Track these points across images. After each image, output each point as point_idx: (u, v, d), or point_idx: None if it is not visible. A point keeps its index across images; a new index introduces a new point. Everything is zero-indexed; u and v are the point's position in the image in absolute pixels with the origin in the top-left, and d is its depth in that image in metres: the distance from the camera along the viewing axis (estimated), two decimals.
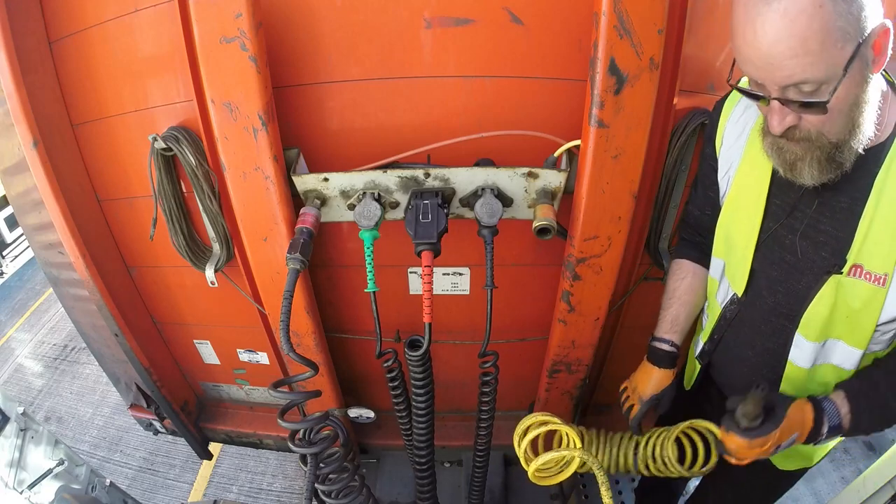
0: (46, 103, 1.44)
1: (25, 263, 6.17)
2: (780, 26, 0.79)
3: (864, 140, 0.88)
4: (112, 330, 1.75)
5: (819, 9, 0.77)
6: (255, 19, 1.15)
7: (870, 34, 0.80)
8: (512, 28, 1.27)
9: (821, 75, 0.82)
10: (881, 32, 0.81)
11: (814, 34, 0.78)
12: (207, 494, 3.53)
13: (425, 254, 1.28)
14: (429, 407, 1.59)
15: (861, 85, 0.85)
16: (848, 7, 0.77)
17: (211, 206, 1.46)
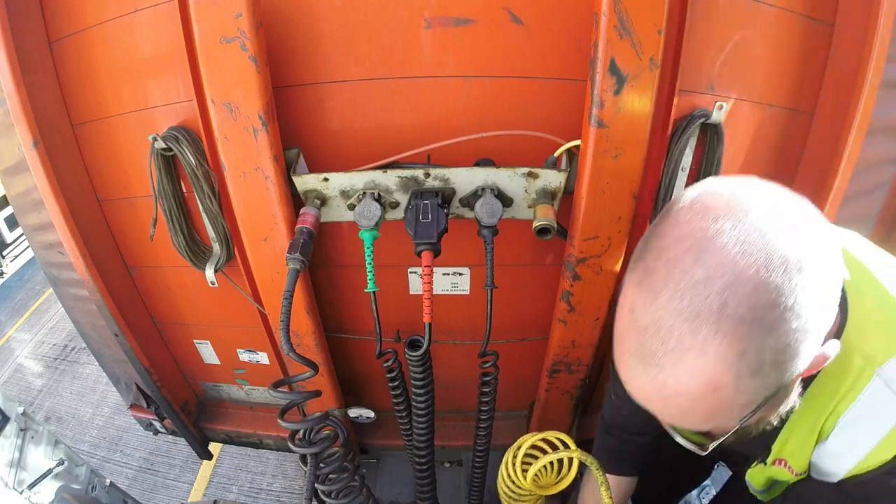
0: (46, 103, 1.44)
1: (25, 263, 6.17)
2: (656, 398, 0.64)
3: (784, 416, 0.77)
4: (112, 330, 1.74)
5: (709, 393, 0.59)
6: (255, 19, 1.15)
7: (793, 376, 0.63)
8: (512, 28, 1.27)
9: (720, 430, 0.72)
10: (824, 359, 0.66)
11: (704, 414, 0.62)
12: (207, 494, 3.53)
13: (425, 254, 1.28)
14: (429, 407, 1.59)
15: (775, 406, 0.72)
16: (763, 380, 0.59)
17: (211, 206, 1.46)
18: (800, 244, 0.58)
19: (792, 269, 0.56)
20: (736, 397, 0.59)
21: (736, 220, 0.58)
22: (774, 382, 0.60)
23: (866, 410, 0.72)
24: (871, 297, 0.74)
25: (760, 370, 0.57)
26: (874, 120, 1.37)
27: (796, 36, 1.36)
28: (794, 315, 0.56)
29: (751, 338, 0.56)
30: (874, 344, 0.73)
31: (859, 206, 1.61)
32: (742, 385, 0.58)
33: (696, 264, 0.57)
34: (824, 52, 1.40)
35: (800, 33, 1.36)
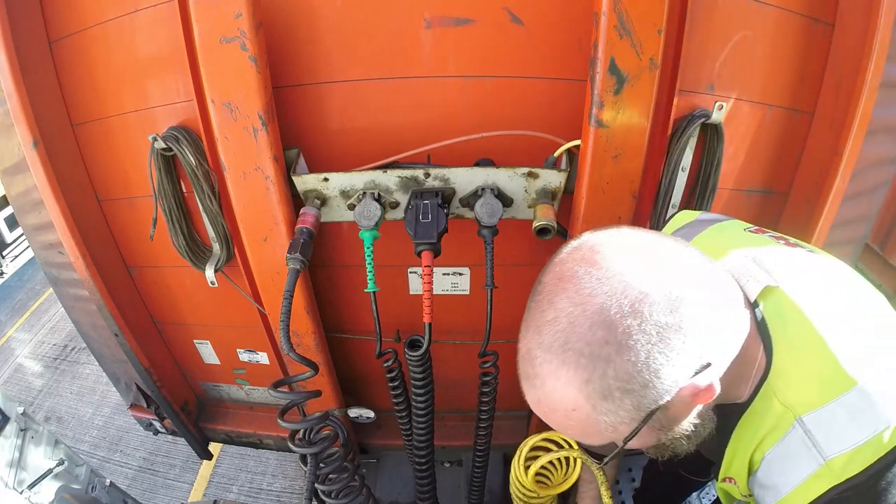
0: (46, 103, 1.44)
1: (25, 263, 6.17)
2: (549, 418, 0.73)
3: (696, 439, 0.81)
4: (112, 330, 1.74)
5: (569, 412, 0.69)
6: (255, 19, 1.15)
7: (670, 401, 0.69)
8: (512, 28, 1.27)
9: (596, 442, 0.75)
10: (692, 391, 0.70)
11: (578, 427, 0.71)
12: (207, 494, 3.53)
13: (425, 254, 1.28)
14: (429, 407, 1.59)
15: (659, 435, 0.76)
16: (618, 404, 0.67)
17: (211, 206, 1.45)
18: (642, 292, 0.65)
19: (627, 313, 0.64)
20: (598, 417, 0.68)
21: (589, 268, 0.68)
22: (635, 407, 0.67)
23: (786, 456, 0.76)
24: (804, 347, 0.76)
25: (610, 395, 0.66)
26: (874, 120, 1.37)
27: (796, 36, 1.36)
28: (629, 350, 0.64)
29: (592, 368, 0.65)
30: (799, 393, 0.75)
31: (859, 206, 1.61)
32: (598, 407, 0.67)
33: (550, 306, 0.69)
34: (824, 52, 1.40)
35: (800, 33, 1.36)
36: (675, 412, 0.73)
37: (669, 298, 0.65)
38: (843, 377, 0.72)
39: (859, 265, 3.79)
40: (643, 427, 0.70)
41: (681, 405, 0.72)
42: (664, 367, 0.65)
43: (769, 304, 0.79)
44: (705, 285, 0.70)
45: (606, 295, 0.65)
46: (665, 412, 0.71)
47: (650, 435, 0.75)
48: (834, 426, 0.72)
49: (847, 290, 0.83)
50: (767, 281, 0.79)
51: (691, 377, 0.68)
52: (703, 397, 0.71)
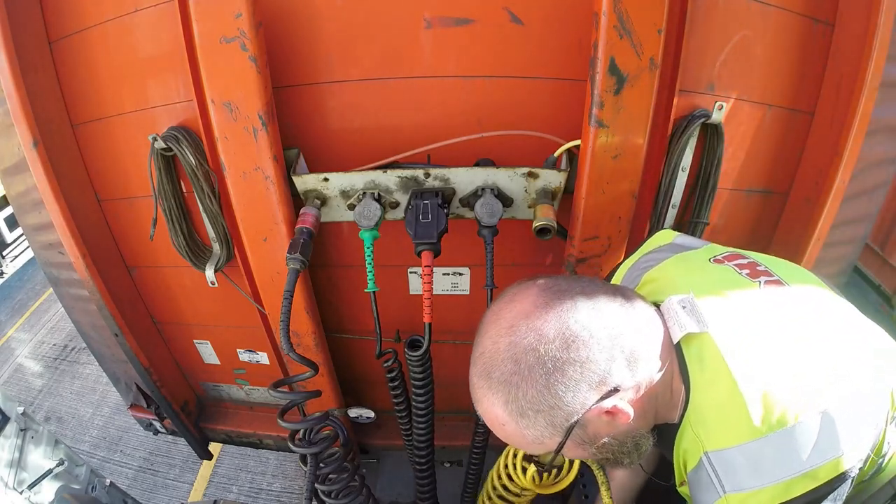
0: (46, 103, 1.44)
1: (25, 263, 6.17)
2: (483, 418, 0.87)
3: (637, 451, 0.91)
4: (112, 330, 1.74)
5: (502, 426, 0.84)
6: (255, 19, 1.15)
7: (583, 420, 0.81)
8: (512, 28, 1.27)
9: (533, 451, 0.88)
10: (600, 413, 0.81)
11: (508, 436, 0.85)
12: (207, 494, 3.53)
13: (425, 254, 1.28)
14: (428, 407, 1.59)
15: (587, 448, 0.87)
16: (534, 421, 0.80)
17: (211, 206, 1.45)
18: (540, 332, 0.78)
19: (528, 349, 0.78)
20: (523, 431, 0.82)
21: (506, 313, 0.83)
22: (549, 423, 0.80)
23: (699, 480, 0.86)
24: (718, 392, 0.83)
25: (525, 414, 0.80)
26: (874, 120, 1.37)
27: (796, 36, 1.36)
28: (531, 379, 0.78)
29: (507, 392, 0.80)
30: (708, 431, 0.83)
31: (859, 206, 1.61)
32: (520, 423, 0.81)
33: (480, 343, 0.84)
34: (824, 52, 1.40)
35: (800, 33, 1.36)
36: (595, 430, 0.84)
37: (563, 337, 0.78)
38: (747, 426, 0.78)
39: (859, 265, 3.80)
40: (567, 440, 0.82)
41: (598, 424, 0.83)
42: (566, 393, 0.78)
43: (691, 348, 0.87)
44: (608, 322, 0.81)
45: (513, 335, 0.80)
46: (583, 429, 0.83)
47: (579, 448, 0.87)
48: (733, 468, 0.80)
49: (803, 325, 0.86)
50: (691, 329, 0.86)
51: (597, 402, 0.79)
52: (618, 419, 0.82)
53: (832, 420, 0.76)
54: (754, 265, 0.97)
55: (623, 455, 0.90)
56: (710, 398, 0.84)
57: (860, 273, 3.84)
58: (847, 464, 0.76)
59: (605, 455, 0.90)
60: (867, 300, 3.76)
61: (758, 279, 0.93)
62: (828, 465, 0.76)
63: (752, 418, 0.78)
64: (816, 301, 0.91)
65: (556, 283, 0.85)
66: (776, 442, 0.77)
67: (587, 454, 0.90)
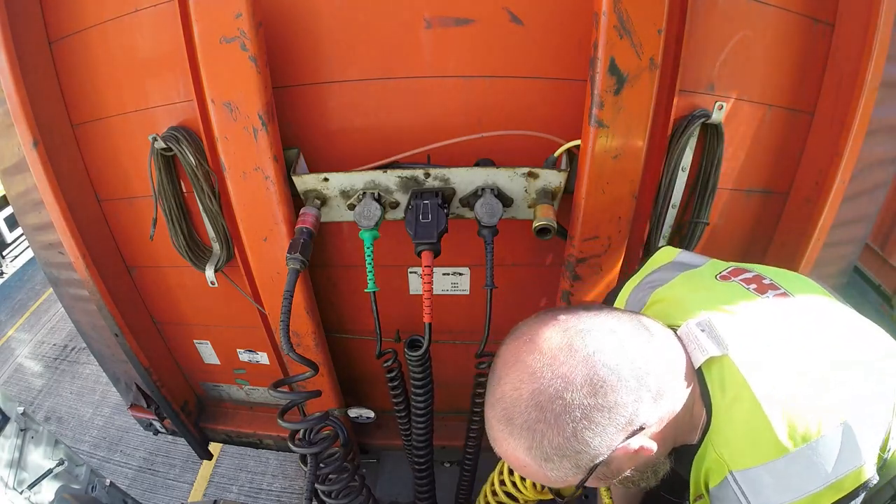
0: (46, 103, 1.44)
1: (25, 263, 6.18)
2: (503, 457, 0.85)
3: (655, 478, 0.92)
4: (112, 330, 1.74)
5: (524, 468, 0.82)
6: (255, 19, 1.15)
7: (607, 459, 0.79)
8: (512, 28, 1.27)
9: (555, 486, 0.86)
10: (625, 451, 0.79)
11: (530, 474, 0.84)
12: (207, 494, 3.53)
13: (425, 254, 1.28)
14: (428, 407, 1.59)
15: (608, 479, 0.86)
16: (558, 465, 0.79)
17: (211, 206, 1.45)
18: (566, 379, 0.76)
19: (554, 397, 0.76)
20: (545, 473, 0.80)
21: (528, 355, 0.79)
22: (574, 466, 0.79)
23: (724, 498, 0.85)
24: (743, 410, 0.82)
25: (549, 459, 0.78)
26: (874, 120, 1.37)
27: (796, 36, 1.36)
28: (557, 427, 0.76)
29: (531, 439, 0.78)
30: (733, 452, 0.83)
31: (859, 206, 1.61)
32: (543, 466, 0.79)
33: (499, 386, 0.81)
34: (824, 52, 1.40)
35: (800, 33, 1.36)
36: (617, 466, 0.83)
37: (591, 383, 0.76)
38: (773, 444, 0.78)
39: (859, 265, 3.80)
40: (590, 478, 0.81)
41: (621, 461, 0.82)
42: (593, 439, 0.77)
43: (712, 371, 0.86)
44: (636, 361, 0.79)
45: (537, 381, 0.77)
46: (607, 467, 0.81)
47: (600, 481, 0.86)
48: (761, 486, 0.80)
49: (813, 334, 0.87)
50: (713, 352, 0.85)
51: (622, 442, 0.79)
52: (642, 453, 0.81)
53: (851, 430, 0.77)
54: (760, 279, 0.98)
55: (641, 481, 0.90)
56: (734, 419, 0.83)
57: (860, 273, 3.84)
58: (868, 472, 0.78)
59: (624, 484, 0.90)
60: (867, 300, 3.76)
61: (766, 293, 0.94)
62: (851, 475, 0.77)
63: (777, 436, 0.78)
64: (821, 310, 0.92)
65: (579, 321, 0.82)
66: (802, 457, 0.77)
67: (606, 485, 0.90)
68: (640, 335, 0.82)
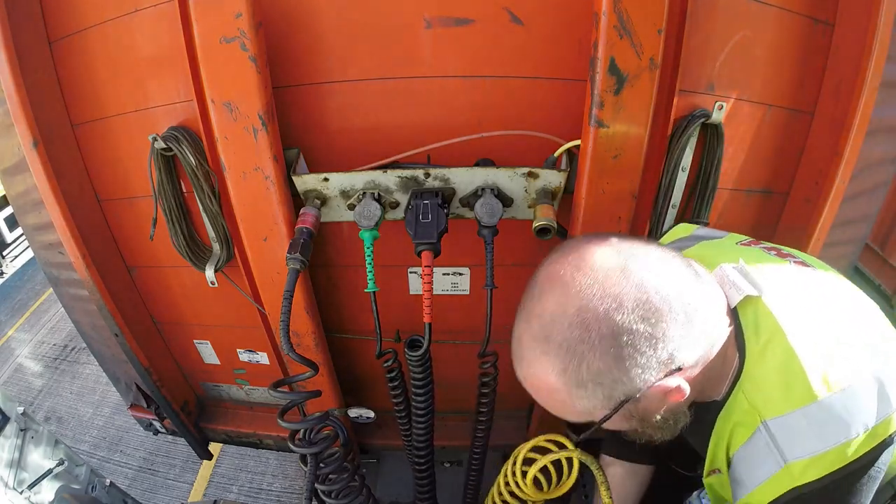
0: (46, 103, 1.44)
1: (25, 263, 6.18)
2: (528, 386, 0.82)
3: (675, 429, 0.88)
4: (112, 330, 1.74)
5: (549, 394, 0.78)
6: (255, 19, 1.15)
7: (640, 396, 0.76)
8: (512, 28, 1.27)
9: (574, 420, 0.83)
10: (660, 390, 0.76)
11: (556, 405, 0.80)
12: (207, 494, 3.53)
13: (425, 254, 1.28)
14: (428, 407, 1.59)
15: (632, 422, 0.83)
16: (591, 393, 0.75)
17: (211, 206, 1.45)
18: (617, 300, 0.71)
19: (601, 318, 0.71)
20: (574, 401, 0.77)
21: (575, 272, 0.75)
22: (606, 397, 0.75)
23: (752, 454, 0.81)
24: (775, 356, 0.80)
25: (583, 385, 0.74)
26: (874, 120, 1.37)
27: (796, 36, 1.36)
28: (600, 351, 0.71)
29: (568, 360, 0.73)
30: (766, 399, 0.80)
31: (859, 206, 1.61)
32: (573, 393, 0.75)
33: (539, 302, 0.77)
34: (824, 52, 1.40)
35: (800, 33, 1.36)
36: (647, 405, 0.79)
37: (643, 308, 0.71)
38: (807, 389, 0.76)
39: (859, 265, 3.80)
40: (615, 415, 0.78)
41: (652, 400, 0.79)
42: (633, 369, 0.73)
43: (747, 313, 0.84)
44: (685, 295, 0.75)
45: (586, 299, 0.72)
46: (636, 404, 0.77)
47: (623, 421, 0.82)
48: (795, 434, 0.77)
49: (831, 300, 0.87)
50: (749, 291, 0.82)
51: (661, 379, 0.75)
52: (673, 396, 0.78)
53: (882, 381, 0.76)
54: (778, 249, 0.98)
55: (660, 431, 0.86)
56: (767, 364, 0.80)
57: (860, 273, 3.85)
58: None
59: (644, 430, 0.86)
60: None
61: (786, 259, 0.94)
62: (884, 422, 0.76)
63: (811, 382, 0.75)
64: (838, 280, 0.92)
65: (632, 246, 0.77)
66: (836, 403, 0.75)
67: (625, 427, 0.85)
68: (689, 271, 0.79)
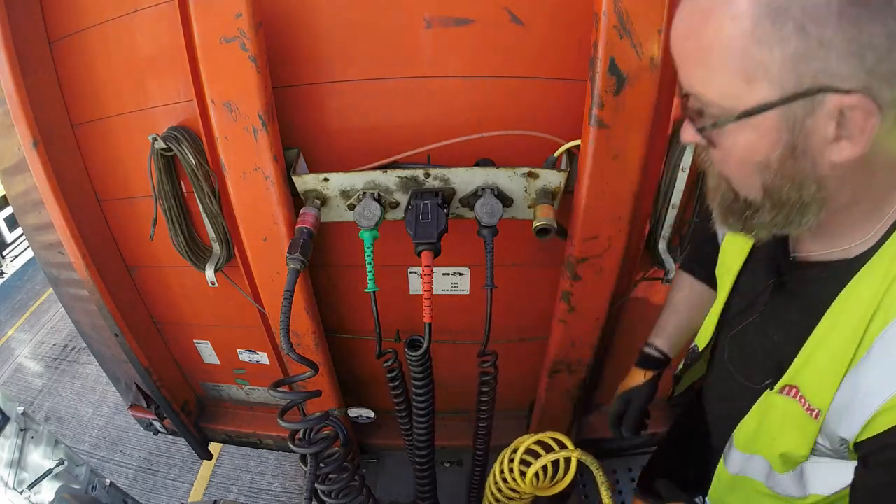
0: (46, 103, 1.44)
1: (25, 263, 6.18)
2: (690, 21, 0.61)
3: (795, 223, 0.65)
4: (112, 330, 1.74)
5: (732, 20, 0.56)
6: (255, 19, 1.15)
7: (817, 99, 0.56)
8: (512, 28, 1.27)
9: (711, 97, 0.63)
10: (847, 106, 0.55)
11: (717, 45, 0.58)
12: (207, 494, 3.53)
13: (425, 254, 1.28)
14: (429, 407, 1.59)
15: (777, 149, 0.61)
16: (779, 39, 0.54)
17: (211, 206, 1.46)
18: None
19: None
20: (748, 44, 0.55)
21: None
22: (792, 61, 0.54)
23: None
24: None
25: (781, 21, 0.53)
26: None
27: None
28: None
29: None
30: None
31: None
32: (759, 26, 0.54)
33: None
34: None
35: None
36: (814, 128, 0.57)
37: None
38: None
39: None
40: (774, 110, 0.56)
41: (822, 127, 0.57)
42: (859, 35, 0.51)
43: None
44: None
45: None
46: (810, 115, 0.56)
47: (766, 140, 0.59)
48: None
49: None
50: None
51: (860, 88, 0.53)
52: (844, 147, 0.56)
53: None
54: None
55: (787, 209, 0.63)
56: None
57: None
58: None
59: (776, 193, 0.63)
60: None
61: None
62: None
63: None
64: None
65: None
66: None
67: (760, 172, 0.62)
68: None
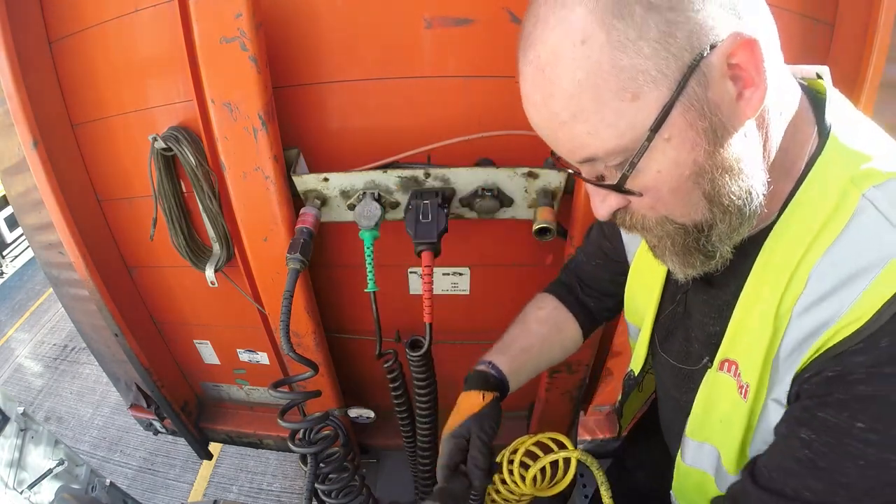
0: (46, 103, 1.44)
1: (25, 263, 6.18)
2: (539, 82, 0.56)
3: (747, 215, 0.60)
4: (112, 330, 1.74)
5: (582, 46, 0.50)
6: (255, 19, 1.15)
7: (704, 67, 0.51)
8: (512, 28, 1.27)
9: (607, 145, 0.55)
10: (730, 55, 0.52)
11: (582, 84, 0.52)
12: (207, 494, 3.53)
13: (425, 254, 1.28)
14: (432, 407, 1.59)
15: (701, 144, 0.54)
16: (639, 25, 0.49)
17: (211, 206, 1.46)
18: None
19: None
20: (614, 54, 0.50)
21: None
22: (662, 38, 0.49)
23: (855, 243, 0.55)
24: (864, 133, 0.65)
25: (628, 9, 0.49)
26: (874, 120, 1.37)
27: (796, 36, 1.36)
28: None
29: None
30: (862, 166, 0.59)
31: None
32: (614, 31, 0.49)
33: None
34: (824, 52, 1.40)
35: (800, 33, 1.36)
36: (718, 96, 0.53)
37: None
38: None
39: None
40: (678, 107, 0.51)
41: (720, 85, 0.53)
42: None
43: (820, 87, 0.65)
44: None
45: None
46: (705, 86, 0.52)
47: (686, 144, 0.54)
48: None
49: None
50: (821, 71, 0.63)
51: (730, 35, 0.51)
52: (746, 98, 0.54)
53: None
54: None
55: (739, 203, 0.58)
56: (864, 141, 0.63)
57: None
58: None
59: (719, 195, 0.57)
60: None
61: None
62: None
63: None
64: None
65: None
66: None
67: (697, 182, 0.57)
68: None
